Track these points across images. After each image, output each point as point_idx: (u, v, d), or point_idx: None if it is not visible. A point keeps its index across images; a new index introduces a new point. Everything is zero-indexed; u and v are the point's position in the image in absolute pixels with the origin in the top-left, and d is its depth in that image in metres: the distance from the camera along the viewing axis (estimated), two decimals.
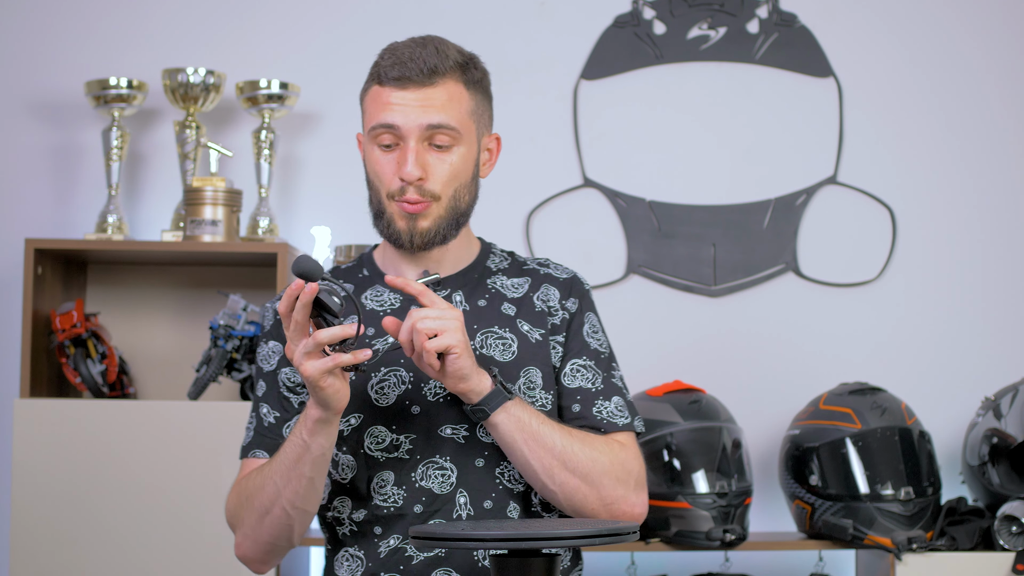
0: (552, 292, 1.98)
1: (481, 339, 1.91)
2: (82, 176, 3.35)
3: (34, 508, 2.90)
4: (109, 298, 3.29)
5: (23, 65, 3.38)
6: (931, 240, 3.37)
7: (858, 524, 2.92)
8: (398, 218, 1.91)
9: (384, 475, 1.88)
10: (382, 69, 1.92)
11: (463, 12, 3.42)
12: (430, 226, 1.90)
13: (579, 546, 1.80)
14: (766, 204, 3.36)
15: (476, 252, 2.01)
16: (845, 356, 3.32)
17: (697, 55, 3.40)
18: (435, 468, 1.87)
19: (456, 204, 1.91)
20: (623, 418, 1.92)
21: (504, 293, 1.97)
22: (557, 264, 2.03)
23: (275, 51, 3.38)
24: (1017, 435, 2.94)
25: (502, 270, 2.00)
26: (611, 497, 1.85)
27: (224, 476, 2.90)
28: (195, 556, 2.89)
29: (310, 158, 3.38)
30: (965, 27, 3.40)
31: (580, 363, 1.94)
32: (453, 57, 1.91)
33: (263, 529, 1.87)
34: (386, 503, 1.88)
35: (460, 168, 1.91)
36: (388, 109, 1.89)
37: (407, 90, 1.88)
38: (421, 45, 1.91)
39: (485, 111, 1.96)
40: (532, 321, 1.95)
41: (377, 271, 2.00)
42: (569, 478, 1.82)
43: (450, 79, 1.89)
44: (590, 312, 1.99)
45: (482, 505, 1.87)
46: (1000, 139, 3.38)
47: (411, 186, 1.88)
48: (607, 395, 1.93)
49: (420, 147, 1.88)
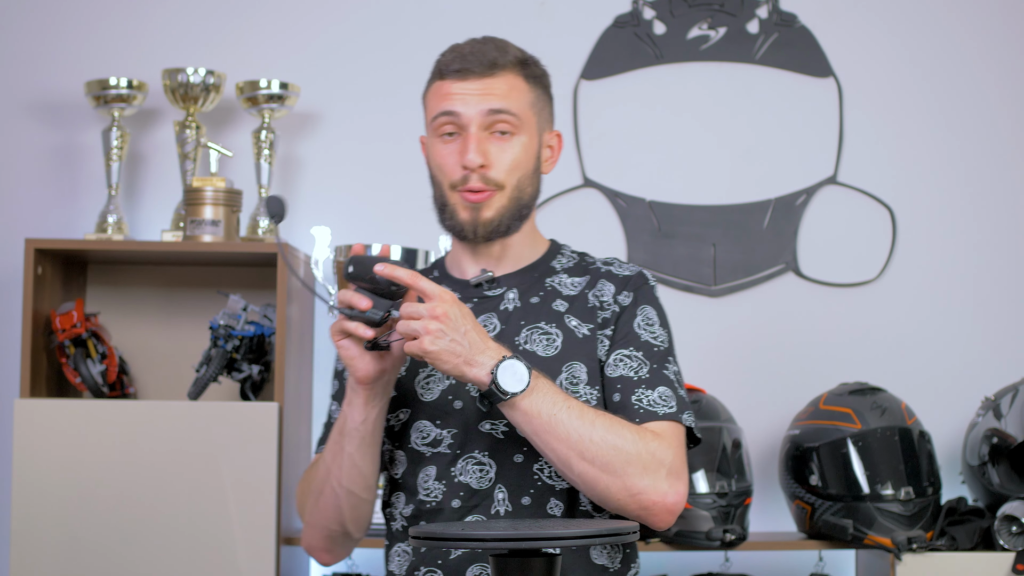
0: (607, 287, 1.95)
1: (526, 335, 1.90)
2: (82, 176, 3.35)
3: (34, 508, 2.90)
4: (109, 298, 3.29)
5: (23, 65, 3.38)
6: (931, 240, 3.37)
7: (858, 524, 2.92)
8: (461, 209, 1.91)
9: (428, 470, 1.89)
10: (443, 65, 1.94)
11: (463, 12, 3.42)
12: (493, 216, 1.90)
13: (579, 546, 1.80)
14: (766, 204, 3.36)
15: (542, 251, 2.01)
16: (845, 356, 3.32)
17: (697, 55, 3.40)
18: (474, 463, 1.88)
19: (519, 195, 1.92)
20: (666, 407, 1.86)
21: (560, 291, 1.96)
22: (624, 263, 2.01)
23: (275, 51, 3.38)
24: (1017, 435, 2.94)
25: (566, 270, 1.99)
26: (637, 487, 1.79)
27: (224, 476, 2.90)
28: (195, 556, 2.89)
29: (310, 158, 3.38)
30: (965, 27, 3.41)
31: (624, 353, 1.90)
32: (513, 53, 1.94)
33: (318, 512, 1.91)
34: (428, 498, 1.89)
35: (522, 157, 1.92)
36: (449, 99, 1.91)
37: (468, 80, 1.90)
38: (482, 42, 1.95)
39: (545, 107, 1.98)
40: (582, 316, 1.93)
41: (444, 271, 2.02)
42: (587, 468, 1.77)
43: (510, 72, 1.92)
44: (647, 305, 1.95)
45: (520, 501, 1.86)
46: (1000, 139, 3.38)
47: (474, 174, 1.89)
48: (652, 384, 1.87)
49: (481, 135, 1.89)
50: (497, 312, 1.93)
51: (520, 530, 1.58)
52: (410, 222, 3.34)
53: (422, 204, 3.39)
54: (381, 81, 3.39)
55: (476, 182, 1.89)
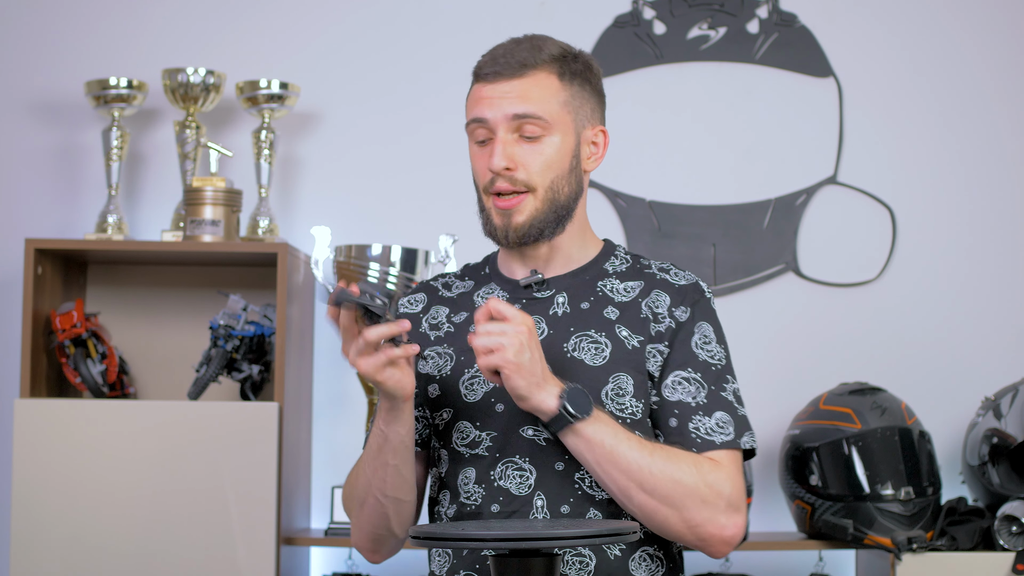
0: (663, 298, 1.91)
1: (575, 342, 1.87)
2: (82, 176, 3.35)
3: (34, 508, 2.90)
4: (109, 298, 3.29)
5: (23, 65, 3.38)
6: (931, 240, 3.37)
7: (858, 524, 2.92)
8: (494, 214, 1.90)
9: (468, 472, 1.88)
10: (478, 68, 1.93)
11: (463, 12, 3.42)
12: (524, 220, 1.88)
13: (580, 546, 1.79)
14: (766, 204, 3.36)
15: (594, 253, 1.97)
16: (845, 356, 3.32)
17: (697, 55, 3.40)
18: (514, 468, 1.85)
19: (555, 196, 1.89)
20: (723, 435, 1.84)
21: (612, 297, 1.92)
22: (680, 270, 1.96)
23: (275, 51, 3.38)
24: (1017, 435, 2.93)
25: (619, 273, 1.96)
26: (696, 520, 1.78)
27: (224, 476, 2.90)
28: (195, 556, 2.89)
29: (310, 158, 3.38)
30: (965, 27, 3.40)
31: (683, 375, 1.87)
32: (549, 50, 1.91)
33: (364, 518, 1.91)
34: (469, 500, 1.87)
35: (554, 158, 1.89)
36: (479, 104, 1.90)
37: (498, 83, 1.89)
38: (517, 43, 1.92)
39: (586, 103, 1.96)
40: (632, 327, 1.89)
41: (495, 269, 1.99)
42: (647, 500, 1.77)
43: (542, 71, 1.90)
44: (704, 321, 1.91)
45: (559, 510, 1.83)
46: (1000, 139, 3.38)
47: (500, 177, 1.87)
48: (709, 410, 1.85)
49: (508, 138, 1.87)
50: (546, 316, 1.90)
51: (520, 530, 1.58)
52: (410, 222, 3.34)
53: (422, 204, 3.42)
54: (381, 81, 3.39)
55: (504, 184, 1.87)
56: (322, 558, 3.27)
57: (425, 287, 2.02)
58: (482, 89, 1.90)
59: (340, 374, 3.32)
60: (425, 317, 1.96)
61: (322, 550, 3.26)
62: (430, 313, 1.96)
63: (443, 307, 1.97)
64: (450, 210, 3.30)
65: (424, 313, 1.96)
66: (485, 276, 2.00)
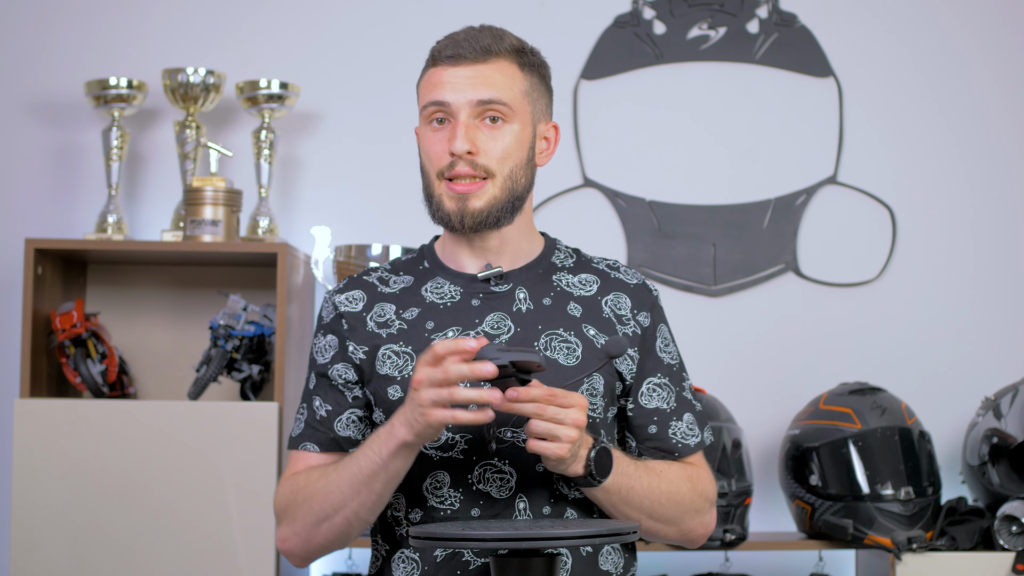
0: (623, 300, 1.91)
1: (546, 340, 1.85)
2: (82, 176, 3.35)
3: (34, 508, 2.90)
4: (109, 298, 3.29)
5: (23, 65, 3.38)
6: (931, 240, 3.37)
7: (858, 524, 2.92)
8: (447, 199, 1.87)
9: (439, 476, 1.82)
10: (436, 51, 1.92)
11: (463, 12, 3.41)
12: (483, 207, 1.85)
13: (580, 546, 1.79)
14: (766, 204, 3.36)
15: (540, 247, 1.96)
16: (845, 356, 3.32)
17: (697, 55, 3.40)
18: (493, 471, 1.82)
19: (512, 185, 1.86)
20: (695, 437, 1.93)
21: (570, 292, 1.91)
22: (626, 268, 1.97)
23: (275, 51, 3.38)
24: (1017, 435, 2.94)
25: (567, 267, 1.94)
26: (689, 527, 1.91)
27: (224, 476, 2.90)
28: (195, 556, 2.89)
29: (310, 158, 3.38)
30: (965, 27, 3.41)
31: (656, 382, 1.90)
32: (509, 41, 1.92)
33: (319, 533, 1.82)
34: (442, 505, 1.82)
35: (513, 146, 1.87)
36: (440, 87, 1.89)
37: (460, 67, 1.88)
38: (478, 29, 1.94)
39: (541, 97, 1.94)
40: (598, 326, 1.88)
41: (438, 262, 1.95)
42: (653, 524, 1.87)
43: (504, 59, 1.90)
44: (662, 324, 1.94)
45: (541, 511, 1.82)
46: (999, 139, 3.39)
47: (461, 160, 1.85)
48: (679, 413, 1.92)
49: (471, 123, 1.86)
50: (510, 313, 1.87)
51: (520, 530, 1.58)
52: (410, 222, 3.32)
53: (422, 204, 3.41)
54: (381, 81, 3.39)
55: (463, 168, 1.85)
56: (322, 558, 3.26)
57: (359, 283, 1.94)
58: (443, 72, 1.89)
59: None
60: (369, 315, 1.88)
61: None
62: (374, 311, 1.88)
63: (387, 303, 1.89)
64: None
65: (367, 311, 1.89)
66: (427, 270, 1.94)
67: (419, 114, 1.95)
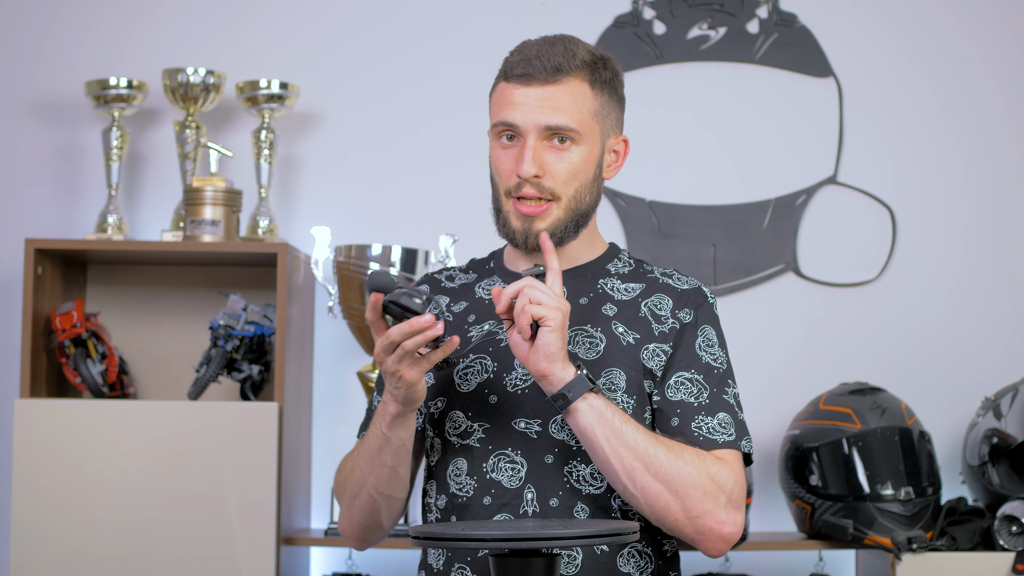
0: (665, 301, 1.93)
1: (570, 336, 1.88)
2: (82, 176, 3.35)
3: (34, 508, 2.90)
4: (109, 298, 3.29)
5: (23, 65, 3.38)
6: (931, 240, 3.37)
7: (858, 524, 2.92)
8: (514, 217, 1.90)
9: (459, 463, 1.89)
10: (509, 66, 1.91)
11: (463, 12, 3.42)
12: (547, 228, 1.89)
13: (579, 546, 1.80)
14: (766, 204, 3.37)
15: (598, 253, 2.00)
16: (845, 356, 3.32)
17: (697, 55, 3.40)
18: (506, 461, 1.87)
19: (577, 205, 1.90)
20: (726, 435, 1.85)
21: (611, 295, 1.94)
22: (683, 276, 1.99)
23: (275, 51, 3.38)
24: (1017, 435, 2.94)
25: (621, 275, 1.98)
26: (697, 510, 1.79)
27: (224, 476, 2.90)
28: (195, 556, 2.89)
29: (310, 158, 3.38)
30: (965, 27, 3.41)
31: (686, 376, 1.89)
32: (581, 56, 1.89)
33: (354, 510, 1.94)
34: (461, 492, 1.89)
35: (580, 167, 1.89)
36: (510, 107, 1.88)
37: (530, 87, 1.87)
38: (550, 43, 1.90)
39: (612, 112, 1.94)
40: (629, 324, 1.90)
41: (500, 264, 2.02)
42: (652, 483, 1.78)
43: (575, 78, 1.88)
44: (707, 325, 1.93)
45: (548, 503, 1.84)
46: (1000, 139, 3.38)
47: (527, 183, 1.87)
48: (711, 411, 1.86)
49: (539, 144, 1.87)
50: None
51: (520, 530, 1.58)
52: (410, 222, 3.34)
53: (422, 204, 3.42)
54: (381, 81, 3.39)
55: (529, 190, 1.87)
56: (322, 558, 3.27)
57: (428, 279, 2.06)
58: (513, 91, 1.89)
59: (340, 374, 3.32)
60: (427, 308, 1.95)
61: (322, 550, 3.26)
62: (432, 304, 1.96)
63: (443, 297, 2.00)
64: (450, 210, 3.31)
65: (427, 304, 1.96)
66: (489, 270, 2.02)
67: (489, 123, 1.95)
